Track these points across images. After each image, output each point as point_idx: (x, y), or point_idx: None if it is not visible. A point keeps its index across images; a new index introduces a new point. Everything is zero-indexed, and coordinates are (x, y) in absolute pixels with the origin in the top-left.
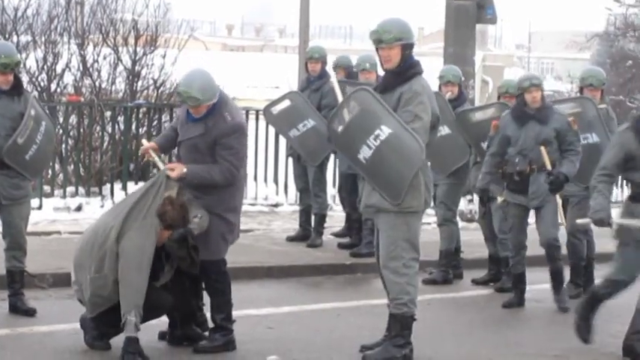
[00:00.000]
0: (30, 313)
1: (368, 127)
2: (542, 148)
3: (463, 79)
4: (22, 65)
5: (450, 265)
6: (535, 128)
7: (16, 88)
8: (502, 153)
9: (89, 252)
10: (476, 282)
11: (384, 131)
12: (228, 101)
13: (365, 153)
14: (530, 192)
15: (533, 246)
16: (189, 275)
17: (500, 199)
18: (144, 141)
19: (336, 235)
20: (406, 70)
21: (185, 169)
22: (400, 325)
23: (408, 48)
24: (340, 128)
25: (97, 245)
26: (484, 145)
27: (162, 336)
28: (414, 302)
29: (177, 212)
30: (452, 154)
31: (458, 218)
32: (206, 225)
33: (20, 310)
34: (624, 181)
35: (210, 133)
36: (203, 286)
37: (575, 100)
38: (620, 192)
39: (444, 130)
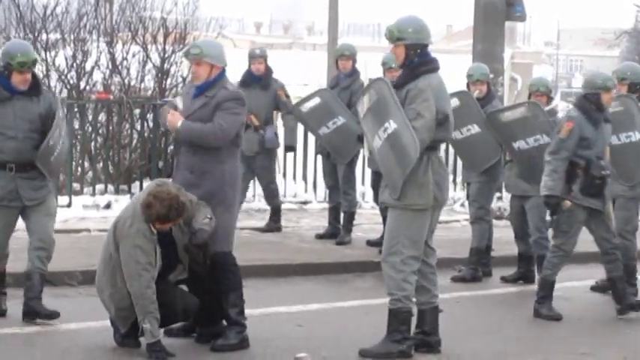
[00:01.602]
0: (53, 316)
1: (380, 118)
2: (608, 149)
3: (492, 76)
4: (50, 63)
5: (479, 263)
6: (607, 129)
7: (34, 89)
8: (572, 156)
9: (102, 271)
10: (505, 280)
11: (391, 125)
12: (229, 80)
13: (377, 143)
14: (606, 195)
15: None
16: (206, 277)
17: (568, 203)
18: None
19: None
20: (416, 67)
21: (179, 123)
22: (397, 320)
23: (412, 48)
24: (362, 115)
25: (105, 262)
26: (515, 144)
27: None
28: (410, 298)
29: (162, 206)
30: (483, 153)
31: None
32: (214, 226)
33: (42, 314)
34: None
35: (211, 102)
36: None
37: (617, 99)
38: None
39: (474, 129)
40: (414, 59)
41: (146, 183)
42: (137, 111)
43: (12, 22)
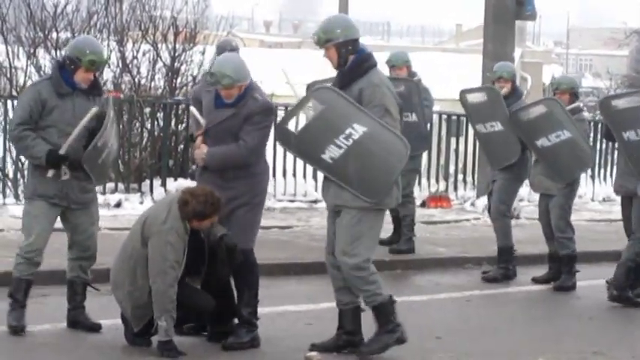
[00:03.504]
0: (95, 328)
1: (336, 126)
2: None
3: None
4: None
5: (510, 262)
6: None
7: (96, 88)
8: None
9: (120, 268)
10: (536, 280)
11: (358, 130)
12: (258, 87)
13: (332, 153)
14: None
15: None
16: (221, 278)
17: None
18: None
19: None
20: (358, 65)
21: (204, 151)
22: (383, 312)
23: (343, 46)
24: (298, 128)
25: (125, 260)
26: (538, 142)
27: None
28: (381, 288)
29: (198, 202)
30: (502, 151)
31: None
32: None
33: (84, 325)
34: None
35: (241, 113)
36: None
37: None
38: None
39: (497, 127)
40: (349, 56)
41: (156, 182)
42: (147, 110)
43: (22, 20)
